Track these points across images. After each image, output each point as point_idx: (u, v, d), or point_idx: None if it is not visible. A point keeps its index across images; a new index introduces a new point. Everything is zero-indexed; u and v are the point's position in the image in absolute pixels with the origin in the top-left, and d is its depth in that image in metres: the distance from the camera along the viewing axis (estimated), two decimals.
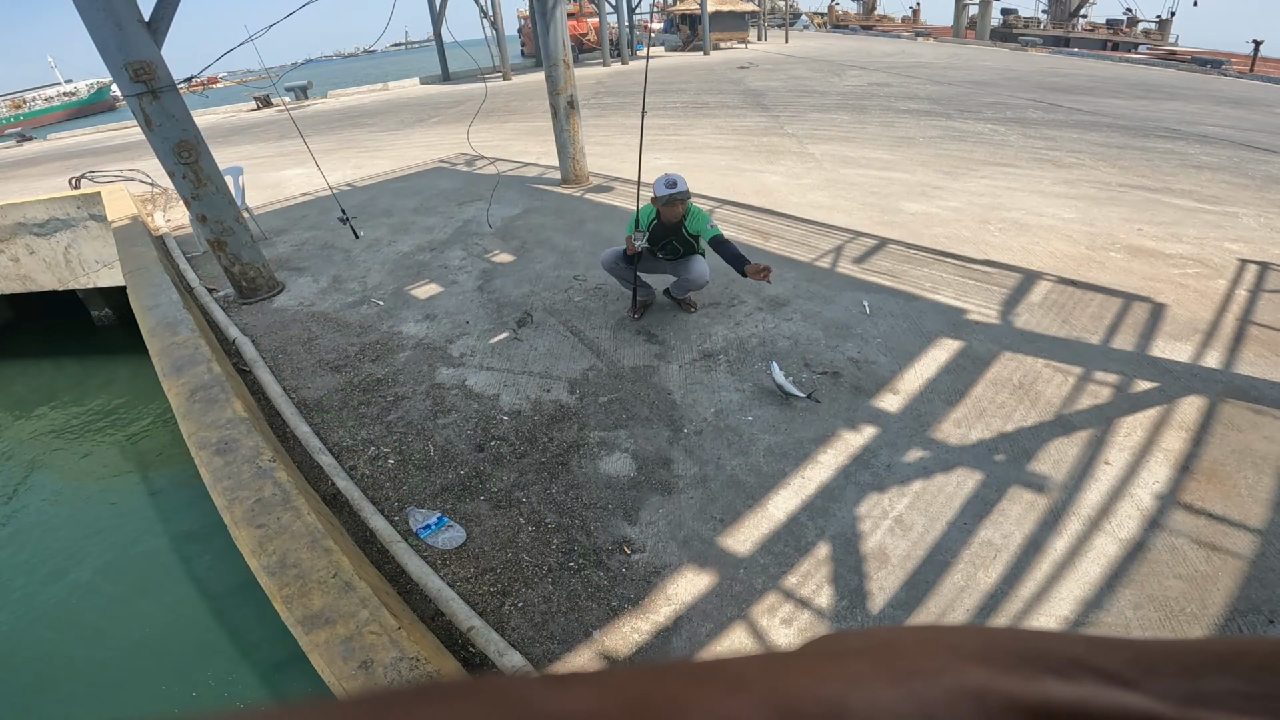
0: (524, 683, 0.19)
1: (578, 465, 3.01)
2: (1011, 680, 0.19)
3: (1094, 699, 0.19)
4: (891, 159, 7.64)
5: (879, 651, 0.22)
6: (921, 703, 0.19)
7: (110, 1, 3.94)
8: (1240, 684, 0.19)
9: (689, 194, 3.70)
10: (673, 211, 3.70)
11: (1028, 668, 0.20)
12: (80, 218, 7.84)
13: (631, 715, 0.18)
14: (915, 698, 0.19)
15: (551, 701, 0.18)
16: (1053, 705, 0.19)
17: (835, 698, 0.19)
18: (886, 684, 0.19)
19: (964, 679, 0.19)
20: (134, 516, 5.25)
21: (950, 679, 0.19)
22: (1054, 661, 0.20)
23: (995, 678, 0.19)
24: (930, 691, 0.19)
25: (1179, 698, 0.19)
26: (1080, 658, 0.21)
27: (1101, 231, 5.06)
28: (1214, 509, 2.52)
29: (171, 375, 3.72)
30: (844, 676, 0.20)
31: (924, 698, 0.19)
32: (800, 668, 0.21)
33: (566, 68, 6.64)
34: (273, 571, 2.31)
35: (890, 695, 0.19)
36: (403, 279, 5.18)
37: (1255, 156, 7.22)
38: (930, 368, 3.47)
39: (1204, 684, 0.20)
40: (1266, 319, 3.73)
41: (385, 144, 11.20)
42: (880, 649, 0.22)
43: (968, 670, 0.20)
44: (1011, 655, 0.21)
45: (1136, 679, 0.20)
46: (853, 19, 41.73)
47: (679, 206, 3.68)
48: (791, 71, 17.23)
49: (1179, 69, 16.79)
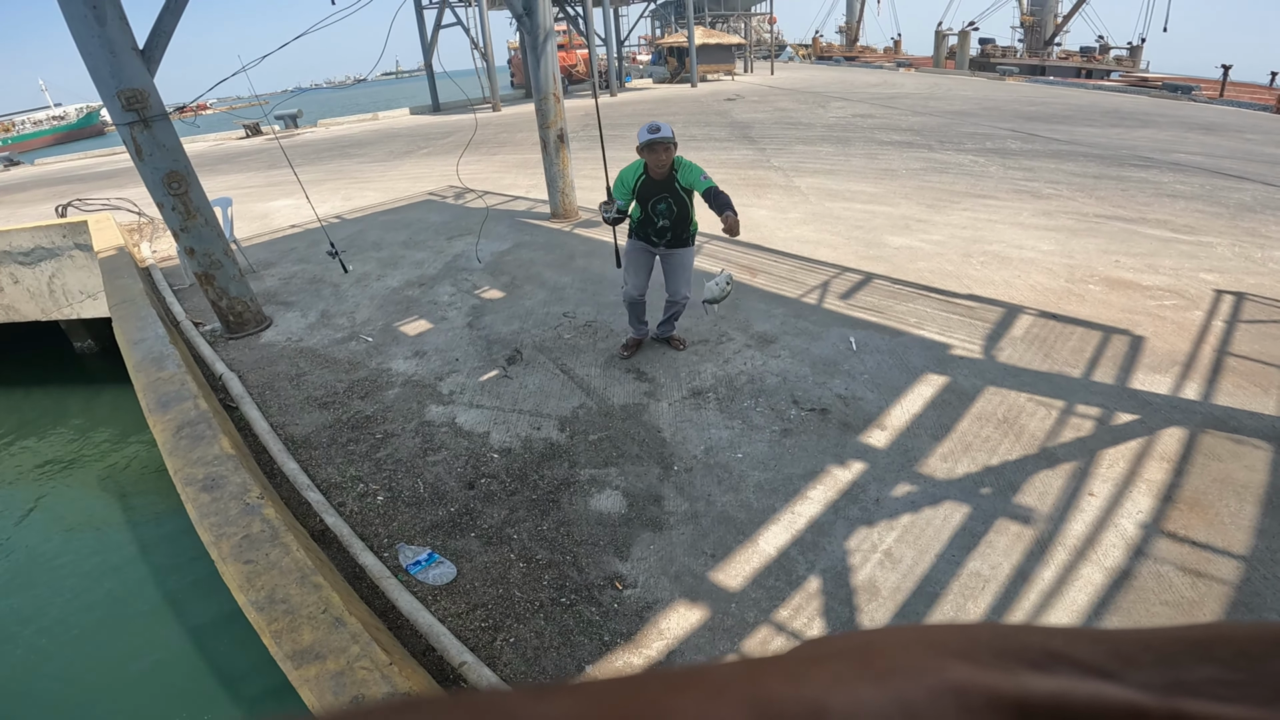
0: (504, 696, 0.19)
1: (569, 502, 3.01)
2: (991, 675, 0.20)
3: (1074, 691, 0.19)
4: (876, 191, 7.79)
5: (859, 652, 0.22)
6: (903, 701, 0.19)
7: (105, 28, 3.96)
8: (1219, 671, 0.20)
9: (673, 140, 3.44)
10: (658, 160, 3.43)
11: (1007, 662, 0.20)
12: (66, 247, 7.80)
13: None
14: (896, 696, 0.19)
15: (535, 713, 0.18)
16: (1033, 699, 0.19)
17: (816, 698, 0.19)
18: (867, 683, 0.19)
19: (944, 676, 0.19)
20: (114, 548, 5.15)
21: (931, 676, 0.19)
22: (1033, 655, 0.21)
23: (975, 673, 0.20)
24: (911, 689, 0.19)
25: (1159, 687, 0.19)
26: (1059, 650, 0.21)
27: (1080, 264, 5.17)
28: (1198, 537, 2.56)
29: (157, 411, 3.69)
30: (825, 677, 0.20)
31: (905, 695, 0.19)
32: (781, 671, 0.21)
33: (557, 101, 6.74)
34: (261, 607, 2.29)
35: (871, 694, 0.19)
36: (392, 315, 5.19)
37: (1227, 184, 7.43)
38: (916, 403, 3.51)
39: (1183, 672, 0.20)
40: (1243, 350, 3.81)
41: (375, 175, 11.26)
42: (861, 649, 0.22)
43: (948, 667, 0.20)
44: (991, 650, 0.21)
45: (1116, 670, 0.20)
46: (836, 50, 42.67)
47: (663, 154, 3.42)
48: (777, 103, 17.57)
49: (1151, 95, 17.31)
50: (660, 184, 3.54)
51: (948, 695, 0.19)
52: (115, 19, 3.99)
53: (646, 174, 3.52)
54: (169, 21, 4.28)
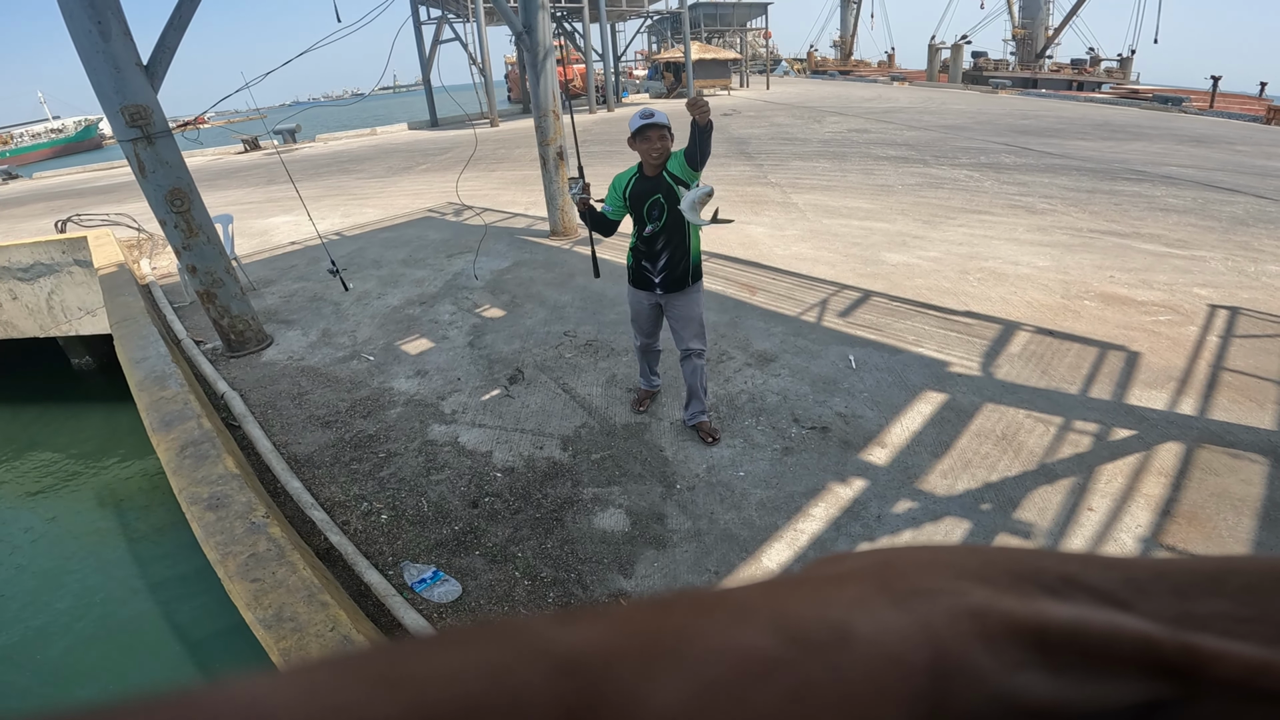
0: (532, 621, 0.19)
1: (572, 521, 3.02)
2: (1009, 600, 0.20)
3: (1090, 619, 0.19)
4: (872, 208, 7.86)
5: (879, 571, 0.22)
6: (924, 623, 0.19)
7: (110, 44, 3.98)
8: (1229, 606, 0.20)
9: (668, 126, 2.99)
10: (651, 149, 2.98)
11: (1024, 586, 0.21)
12: (65, 263, 7.80)
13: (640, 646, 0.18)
14: (917, 618, 0.19)
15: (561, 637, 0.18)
16: (1050, 625, 0.19)
17: (840, 621, 0.19)
18: (889, 605, 0.20)
19: (963, 599, 0.20)
20: (115, 566, 5.13)
21: (949, 599, 0.20)
22: (1049, 580, 0.21)
23: (994, 597, 0.20)
24: (932, 612, 0.19)
25: (1169, 618, 0.20)
26: (1074, 576, 0.21)
27: (1075, 280, 5.22)
28: (1196, 550, 2.59)
29: (160, 430, 3.70)
30: (847, 599, 0.20)
31: (926, 618, 0.19)
32: (804, 592, 0.21)
33: (556, 118, 6.79)
34: (269, 624, 2.31)
35: (893, 617, 0.19)
36: (393, 333, 5.21)
37: (1219, 197, 7.52)
38: (916, 421, 3.54)
39: (1194, 604, 0.20)
40: (1238, 364, 3.86)
41: (374, 191, 11.32)
42: (879, 569, 0.22)
43: (966, 590, 0.20)
44: (1008, 574, 0.21)
45: (1130, 599, 0.20)
46: (831, 64, 43.12)
47: (658, 141, 2.97)
48: (773, 118, 17.72)
49: (1142, 107, 17.52)
50: (653, 182, 3.12)
51: (967, 619, 0.19)
52: (120, 34, 4.02)
53: (640, 172, 3.15)
54: (173, 37, 4.31)
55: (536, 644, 0.18)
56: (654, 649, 0.18)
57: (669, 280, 3.25)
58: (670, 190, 3.05)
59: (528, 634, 0.18)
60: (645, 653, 0.18)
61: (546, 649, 0.18)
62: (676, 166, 3.02)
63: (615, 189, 3.21)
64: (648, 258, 3.25)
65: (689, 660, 0.18)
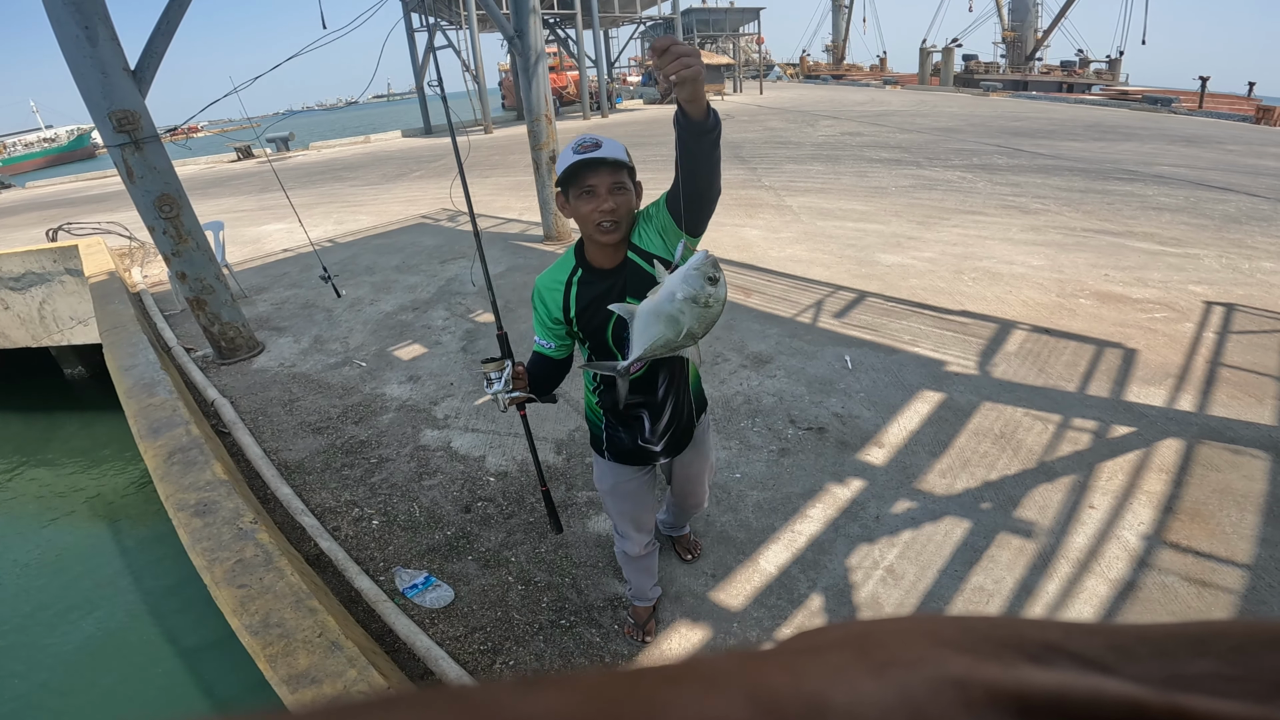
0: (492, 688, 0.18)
1: (566, 525, 2.98)
2: (991, 668, 0.19)
3: (1073, 685, 0.19)
4: (866, 210, 7.85)
5: (857, 642, 0.21)
6: (904, 694, 0.18)
7: (97, 49, 3.95)
8: (1216, 666, 0.19)
9: (627, 163, 1.62)
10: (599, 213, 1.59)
11: (1005, 654, 0.20)
12: (56, 272, 7.76)
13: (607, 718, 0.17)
14: (898, 689, 0.18)
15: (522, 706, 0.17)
16: (1033, 692, 0.18)
17: (817, 692, 0.18)
18: (867, 676, 0.19)
19: (944, 668, 0.19)
20: (104, 574, 5.07)
21: (930, 668, 0.19)
22: (1031, 647, 0.20)
23: (975, 665, 0.19)
24: (912, 682, 0.19)
25: (1157, 681, 0.19)
26: (1056, 643, 0.21)
27: (1070, 278, 5.21)
28: (1200, 547, 2.56)
29: (149, 437, 3.65)
30: (824, 670, 0.19)
31: (906, 688, 0.18)
32: (778, 663, 0.20)
33: (549, 122, 6.78)
34: (256, 631, 2.26)
35: (872, 687, 0.18)
36: (385, 340, 5.17)
37: (1212, 196, 7.53)
38: (913, 420, 3.51)
39: (1181, 666, 0.20)
40: (1236, 360, 3.84)
41: (367, 198, 11.29)
42: (857, 639, 0.21)
43: (947, 658, 0.20)
44: (989, 642, 0.21)
45: (1114, 663, 0.20)
46: (823, 69, 43.32)
47: (607, 195, 1.58)
48: (767, 123, 17.76)
49: (1132, 108, 17.61)
50: (615, 277, 1.72)
51: (948, 688, 0.18)
52: (107, 39, 3.99)
53: (585, 263, 1.75)
54: (160, 42, 4.28)
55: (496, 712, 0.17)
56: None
57: (676, 437, 1.99)
58: (650, 282, 1.60)
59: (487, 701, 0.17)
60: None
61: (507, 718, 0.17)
62: (653, 233, 1.69)
63: (545, 305, 1.80)
64: (636, 413, 1.92)
65: None
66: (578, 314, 1.75)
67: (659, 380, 1.86)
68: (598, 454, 2.07)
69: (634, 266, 1.70)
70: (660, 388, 1.87)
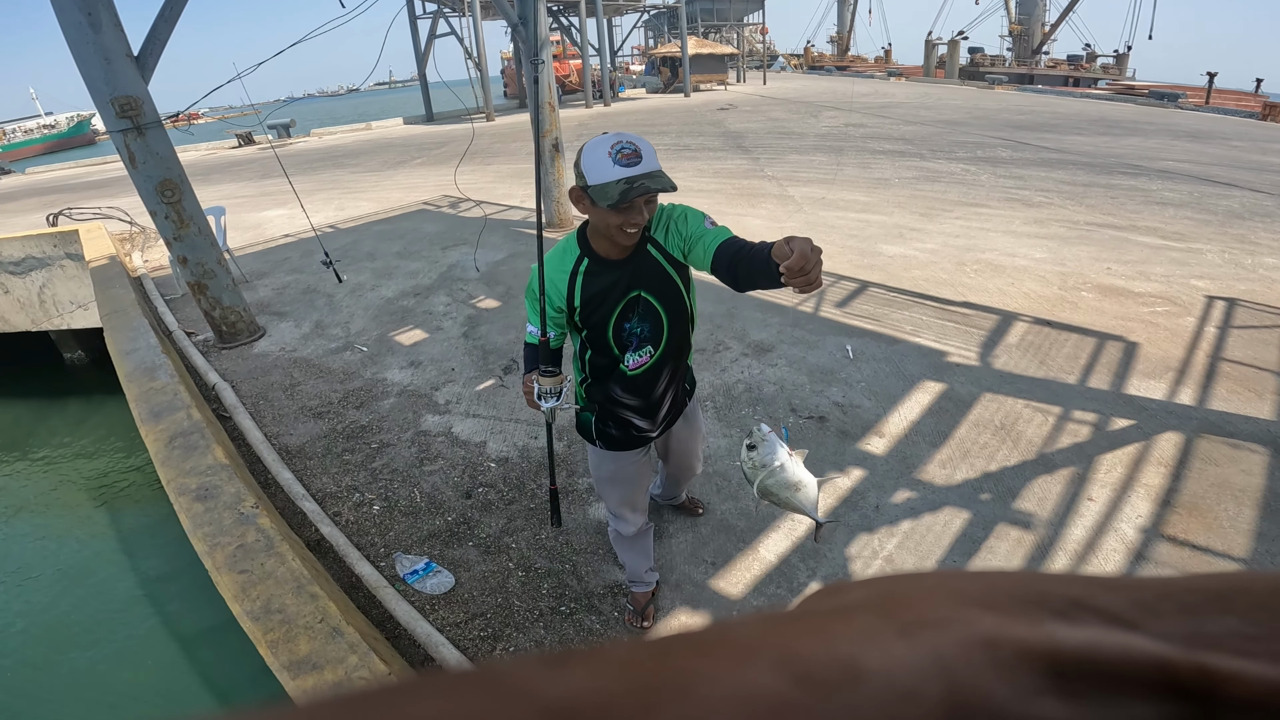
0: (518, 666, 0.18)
1: (567, 511, 2.98)
2: (1019, 626, 0.19)
3: (1103, 642, 0.19)
4: (869, 201, 7.83)
5: (883, 603, 0.21)
6: (935, 655, 0.18)
7: (100, 35, 3.94)
8: (1239, 624, 0.19)
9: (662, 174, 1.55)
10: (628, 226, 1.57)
11: (1032, 611, 0.20)
12: (57, 256, 7.74)
13: (639, 694, 0.17)
14: (929, 650, 0.18)
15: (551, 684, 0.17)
16: (1063, 650, 0.18)
17: (849, 657, 0.18)
18: (898, 638, 0.19)
19: (973, 628, 0.19)
20: (104, 559, 5.08)
21: (960, 628, 0.19)
22: (1055, 603, 0.20)
23: (1003, 624, 0.19)
24: (942, 643, 0.19)
25: (1181, 638, 0.19)
26: (1081, 599, 0.21)
27: (1072, 271, 5.20)
28: (1198, 541, 2.57)
29: (149, 421, 3.66)
30: (854, 634, 0.19)
31: (937, 649, 0.18)
32: (808, 628, 0.20)
33: (552, 110, 6.76)
34: (257, 617, 2.27)
35: (903, 650, 0.18)
36: (387, 325, 5.16)
37: (1215, 191, 7.51)
38: (914, 410, 3.51)
39: (1204, 624, 0.20)
40: (1237, 355, 3.84)
41: (369, 185, 11.25)
42: (882, 599, 0.21)
43: (975, 618, 0.19)
44: (1013, 599, 0.21)
45: (1138, 619, 0.20)
46: (827, 60, 43.02)
47: (643, 213, 1.57)
48: (770, 113, 17.68)
49: (1138, 103, 17.51)
50: (624, 269, 1.71)
51: (980, 648, 0.18)
52: (110, 26, 3.98)
53: (590, 253, 1.72)
54: (163, 29, 4.27)
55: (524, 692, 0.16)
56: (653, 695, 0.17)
57: (670, 417, 2.07)
58: (662, 277, 1.69)
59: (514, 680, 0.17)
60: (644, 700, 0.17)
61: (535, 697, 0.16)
62: (678, 241, 1.69)
63: (549, 294, 1.76)
64: (634, 408, 1.92)
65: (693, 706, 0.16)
66: (581, 304, 1.73)
67: (659, 382, 1.90)
68: (595, 448, 2.08)
69: (645, 259, 1.70)
70: (655, 396, 1.93)
